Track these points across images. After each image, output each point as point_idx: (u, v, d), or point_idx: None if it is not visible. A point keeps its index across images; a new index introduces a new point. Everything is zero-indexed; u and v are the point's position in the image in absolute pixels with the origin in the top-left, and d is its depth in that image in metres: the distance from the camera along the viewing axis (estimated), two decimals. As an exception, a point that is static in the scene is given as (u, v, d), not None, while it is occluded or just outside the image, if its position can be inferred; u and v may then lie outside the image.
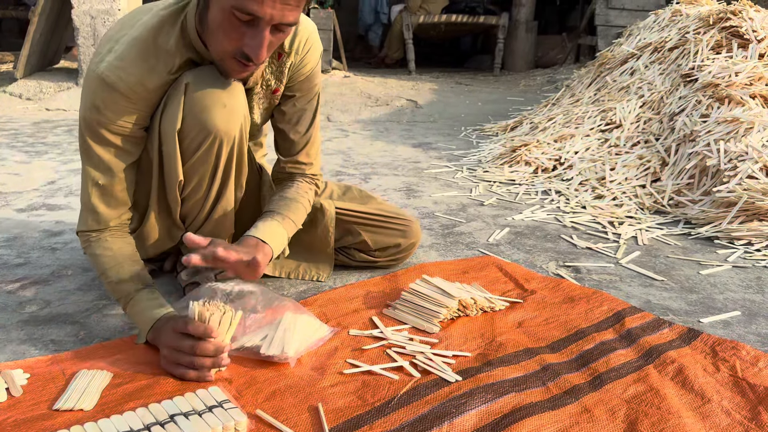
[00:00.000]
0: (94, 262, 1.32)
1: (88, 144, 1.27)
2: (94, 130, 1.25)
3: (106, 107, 1.22)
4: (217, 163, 1.31)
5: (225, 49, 1.16)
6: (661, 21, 3.43)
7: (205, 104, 1.23)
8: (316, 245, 1.62)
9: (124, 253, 1.31)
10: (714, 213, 2.10)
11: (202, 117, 1.24)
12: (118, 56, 1.21)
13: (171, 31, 1.22)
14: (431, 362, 1.20)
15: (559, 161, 2.78)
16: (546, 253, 1.86)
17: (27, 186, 2.49)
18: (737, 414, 1.07)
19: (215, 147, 1.28)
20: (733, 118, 2.36)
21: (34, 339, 1.29)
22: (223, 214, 1.41)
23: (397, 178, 2.74)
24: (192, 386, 1.10)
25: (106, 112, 1.22)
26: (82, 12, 4.67)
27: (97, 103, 1.22)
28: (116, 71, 1.20)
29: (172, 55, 1.23)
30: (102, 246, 1.30)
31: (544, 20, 7.65)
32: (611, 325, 1.38)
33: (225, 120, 1.25)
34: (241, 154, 1.36)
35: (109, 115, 1.23)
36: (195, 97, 1.23)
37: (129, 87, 1.21)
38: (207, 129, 1.25)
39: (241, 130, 1.30)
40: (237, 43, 1.13)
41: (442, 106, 4.84)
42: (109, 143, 1.26)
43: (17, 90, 4.80)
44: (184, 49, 1.24)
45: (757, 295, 1.59)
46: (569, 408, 1.07)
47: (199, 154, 1.29)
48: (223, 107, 1.25)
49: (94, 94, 1.22)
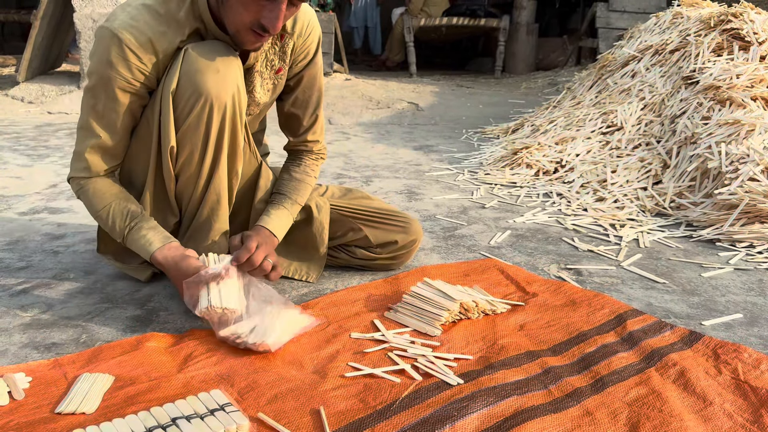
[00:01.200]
0: (86, 204, 1.42)
1: (94, 97, 1.32)
2: (104, 84, 1.30)
3: (117, 62, 1.27)
4: (208, 130, 1.34)
5: (243, 20, 1.24)
6: (662, 23, 3.43)
7: (198, 67, 1.29)
8: (310, 244, 1.62)
9: (113, 191, 1.41)
10: (715, 215, 2.09)
11: (195, 78, 1.29)
12: (132, 17, 1.28)
13: (181, 2, 1.31)
14: (433, 365, 1.20)
15: (560, 164, 2.78)
16: (547, 255, 1.86)
17: (29, 189, 2.49)
18: (739, 417, 1.07)
19: (206, 111, 1.31)
20: (735, 120, 2.36)
21: (36, 342, 1.29)
22: (216, 201, 1.42)
23: (399, 181, 2.74)
24: (194, 390, 1.10)
25: (118, 67, 1.28)
26: (83, 15, 4.69)
27: (110, 57, 1.27)
28: (130, 29, 1.27)
29: (182, 25, 1.31)
30: (94, 189, 1.40)
31: (545, 23, 7.66)
32: (613, 327, 1.38)
33: (216, 85, 1.30)
34: (234, 129, 1.37)
35: (120, 70, 1.28)
36: (191, 60, 1.29)
37: (140, 45, 1.28)
38: (198, 91, 1.29)
39: (233, 100, 1.33)
40: (255, 15, 1.22)
41: (444, 109, 4.84)
42: (116, 99, 1.32)
43: (19, 93, 4.81)
44: (193, 20, 1.32)
45: (759, 298, 1.59)
46: (571, 411, 1.07)
47: (191, 118, 1.32)
48: (216, 72, 1.29)
49: (107, 49, 1.27)
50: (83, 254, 1.80)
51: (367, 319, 1.40)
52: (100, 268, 1.69)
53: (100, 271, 1.67)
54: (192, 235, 1.47)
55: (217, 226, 1.45)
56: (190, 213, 1.45)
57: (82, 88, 4.82)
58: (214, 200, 1.42)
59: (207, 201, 1.42)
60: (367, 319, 1.40)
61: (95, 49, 1.29)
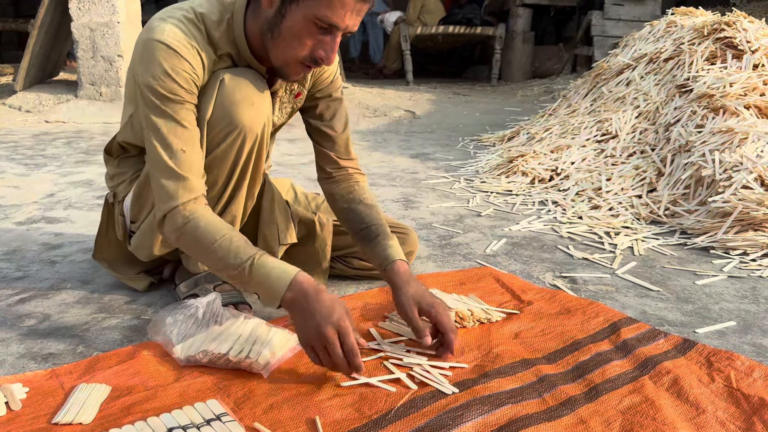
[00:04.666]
0: (196, 236, 1.22)
1: (165, 113, 1.25)
2: (170, 96, 1.24)
3: (176, 74, 1.24)
4: (237, 159, 1.35)
5: (297, 54, 1.24)
6: (657, 32, 3.46)
7: (234, 99, 1.29)
8: (311, 260, 1.63)
9: (226, 224, 1.25)
10: (709, 223, 2.11)
11: (231, 110, 1.29)
12: (178, 28, 1.25)
13: (218, 24, 1.30)
14: (428, 374, 1.21)
15: (555, 171, 2.79)
16: (543, 263, 1.87)
17: (26, 199, 2.50)
18: (732, 425, 1.08)
19: (238, 142, 1.32)
20: (728, 128, 2.38)
21: (33, 353, 1.29)
22: (230, 222, 1.42)
23: (395, 189, 2.75)
24: (190, 399, 1.11)
25: (178, 78, 1.24)
26: (81, 25, 4.70)
27: (168, 69, 1.23)
28: (180, 41, 1.24)
29: (216, 45, 1.30)
30: (206, 217, 1.24)
31: (541, 31, 7.70)
32: (607, 336, 1.39)
33: (251, 118, 1.31)
34: (259, 158, 1.39)
35: (181, 82, 1.25)
36: (227, 91, 1.28)
37: (193, 56, 1.26)
38: (234, 123, 1.30)
39: (263, 130, 1.35)
40: (309, 50, 1.23)
41: (440, 117, 4.87)
42: (186, 110, 1.27)
43: (17, 102, 4.82)
44: (226, 43, 1.31)
45: (752, 305, 1.60)
46: (565, 419, 1.08)
47: (223, 147, 1.32)
48: (251, 105, 1.30)
49: (163, 61, 1.23)
50: (80, 264, 1.80)
51: (362, 328, 1.41)
52: (97, 278, 1.70)
53: (97, 281, 1.68)
54: None
55: None
56: None
57: (79, 97, 4.83)
58: (229, 221, 1.42)
59: None
60: (363, 328, 1.41)
61: (148, 65, 1.23)
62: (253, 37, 1.30)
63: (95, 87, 4.84)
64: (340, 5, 1.16)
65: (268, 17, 1.23)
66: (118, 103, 4.81)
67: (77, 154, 3.44)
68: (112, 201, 1.54)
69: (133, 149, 1.49)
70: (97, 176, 2.90)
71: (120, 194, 1.51)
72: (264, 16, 1.24)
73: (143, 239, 1.46)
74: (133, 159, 1.50)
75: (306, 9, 1.17)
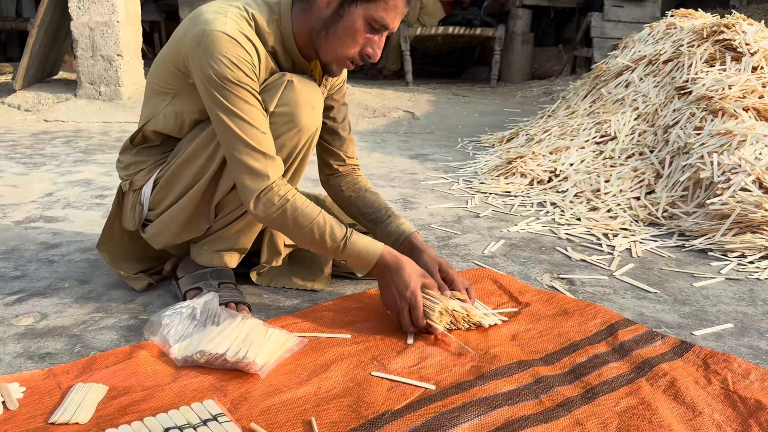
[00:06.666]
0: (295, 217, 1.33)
1: (238, 99, 1.29)
2: (241, 83, 1.29)
3: (241, 63, 1.28)
4: (291, 155, 1.42)
5: (348, 51, 1.35)
6: (656, 34, 3.46)
7: (300, 100, 1.37)
8: (315, 263, 1.65)
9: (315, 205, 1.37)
10: (708, 225, 2.11)
11: (296, 110, 1.37)
12: (236, 23, 1.30)
13: (268, 24, 1.36)
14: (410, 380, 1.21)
15: (554, 173, 2.79)
16: (541, 265, 1.87)
17: (25, 198, 2.50)
18: (728, 427, 1.08)
19: (296, 138, 1.39)
20: (727, 130, 2.38)
21: (31, 352, 1.29)
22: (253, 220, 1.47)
23: (394, 190, 2.75)
24: (187, 399, 1.11)
25: (243, 68, 1.29)
26: (81, 24, 4.70)
27: (234, 59, 1.27)
28: (240, 32, 1.29)
29: (266, 39, 1.36)
30: (300, 198, 1.34)
31: (541, 32, 7.71)
32: (604, 337, 1.39)
33: (310, 120, 1.40)
34: (306, 155, 1.46)
35: (246, 71, 1.30)
36: (294, 92, 1.36)
37: (251, 46, 1.31)
38: (295, 121, 1.37)
39: (315, 131, 1.44)
40: (360, 47, 1.35)
41: (439, 118, 4.87)
42: (255, 96, 1.32)
43: (16, 101, 4.82)
44: (275, 36, 1.38)
45: (750, 308, 1.60)
46: (561, 421, 1.08)
47: (281, 140, 1.38)
48: (312, 108, 1.40)
49: (227, 51, 1.27)
50: (78, 263, 1.80)
51: (362, 327, 1.41)
52: (95, 278, 1.70)
53: (95, 281, 1.68)
54: (214, 240, 1.51)
55: (242, 240, 1.51)
56: (224, 222, 1.49)
57: (78, 96, 4.83)
58: (251, 219, 1.48)
59: (245, 218, 1.48)
60: (363, 327, 1.41)
61: (212, 54, 1.27)
62: (300, 35, 1.37)
63: (94, 86, 4.84)
64: (393, 8, 1.30)
65: (324, 17, 1.32)
66: (117, 102, 4.81)
67: (76, 154, 3.43)
68: (126, 190, 1.54)
69: (157, 138, 1.51)
70: (96, 175, 2.90)
71: (137, 183, 1.51)
72: (318, 15, 1.33)
73: (165, 226, 1.49)
74: (153, 149, 1.53)
75: (364, 10, 1.29)
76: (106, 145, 3.70)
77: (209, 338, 1.26)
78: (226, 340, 1.24)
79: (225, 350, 1.22)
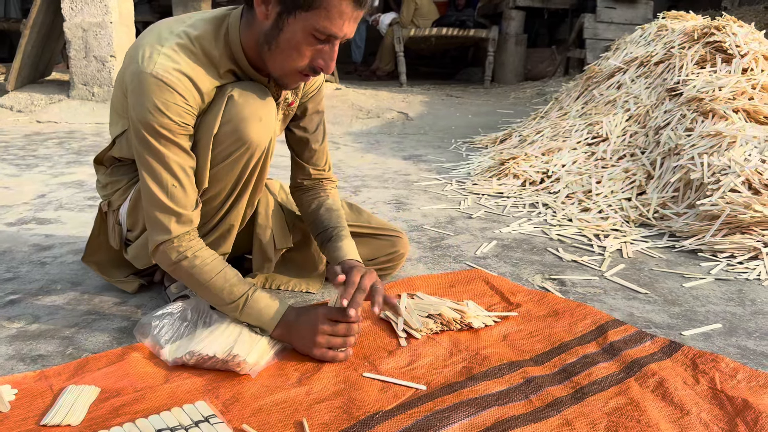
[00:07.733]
0: (192, 273, 1.28)
1: (156, 148, 1.24)
2: (162, 132, 1.23)
3: (168, 108, 1.22)
4: (243, 173, 1.35)
5: (295, 65, 1.24)
6: (648, 35, 3.48)
7: (243, 115, 1.28)
8: (307, 264, 1.65)
9: (219, 258, 1.32)
10: (698, 226, 2.13)
11: (240, 126, 1.28)
12: (170, 59, 1.22)
13: (215, 42, 1.28)
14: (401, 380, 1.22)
15: (546, 174, 2.81)
16: (532, 266, 1.89)
17: (17, 200, 2.49)
18: (715, 426, 1.09)
19: (245, 157, 1.32)
20: (717, 132, 2.40)
21: (23, 354, 1.29)
22: (227, 230, 1.43)
23: (387, 191, 2.76)
24: (179, 401, 1.12)
25: (169, 113, 1.22)
26: (74, 25, 4.69)
27: (159, 105, 1.21)
28: (173, 72, 1.21)
29: (217, 64, 1.28)
30: (200, 255, 1.29)
31: (534, 33, 7.73)
32: (594, 338, 1.40)
33: (259, 133, 1.30)
34: (263, 170, 1.39)
35: (173, 116, 1.23)
36: (236, 107, 1.27)
37: (186, 88, 1.23)
38: (242, 139, 1.29)
39: (269, 144, 1.35)
40: (309, 60, 1.23)
41: (433, 119, 4.88)
42: (177, 144, 1.25)
43: (8, 102, 4.81)
44: (227, 60, 1.29)
45: (738, 308, 1.61)
46: (551, 421, 1.09)
47: (228, 161, 1.32)
48: (259, 120, 1.30)
49: (154, 96, 1.21)
50: (71, 265, 1.80)
51: (364, 327, 1.41)
52: (87, 280, 1.70)
53: (87, 283, 1.68)
54: None
55: (221, 248, 1.46)
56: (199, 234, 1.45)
57: (71, 97, 4.82)
58: (226, 229, 1.43)
59: (219, 228, 1.43)
60: (364, 327, 1.41)
61: (139, 99, 1.22)
62: (249, 49, 1.28)
63: (87, 87, 4.83)
64: (338, 15, 1.16)
65: (264, 30, 1.22)
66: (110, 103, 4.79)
67: (69, 155, 3.43)
68: (106, 210, 1.52)
69: (127, 159, 1.46)
70: (89, 177, 2.90)
71: (114, 203, 1.49)
72: (259, 28, 1.23)
73: (142, 249, 1.45)
74: (126, 167, 1.48)
75: (304, 21, 1.17)
76: (100, 147, 3.69)
77: (199, 339, 1.26)
78: (216, 342, 1.25)
79: (214, 352, 1.22)
